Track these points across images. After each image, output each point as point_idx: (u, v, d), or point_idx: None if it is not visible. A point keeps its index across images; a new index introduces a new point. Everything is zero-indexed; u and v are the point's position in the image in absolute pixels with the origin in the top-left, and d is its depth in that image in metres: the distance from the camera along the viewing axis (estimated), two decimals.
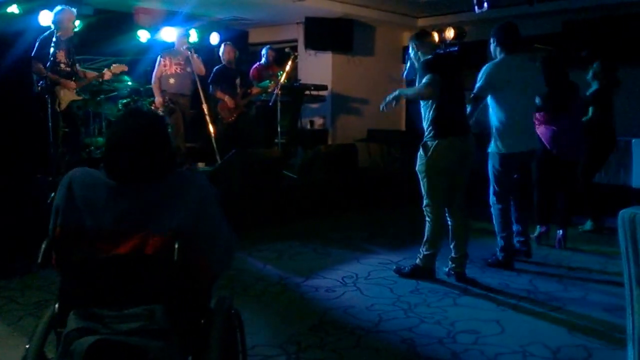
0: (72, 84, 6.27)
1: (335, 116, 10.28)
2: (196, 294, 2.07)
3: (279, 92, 7.79)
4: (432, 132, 4.42)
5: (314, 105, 10.09)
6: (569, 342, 3.45)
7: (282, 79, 7.97)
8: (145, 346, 1.69)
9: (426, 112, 4.47)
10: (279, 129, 8.23)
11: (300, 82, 9.21)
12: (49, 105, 5.83)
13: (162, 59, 7.47)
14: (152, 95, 8.30)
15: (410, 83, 4.82)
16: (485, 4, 7.29)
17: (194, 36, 8.86)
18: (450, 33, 8.67)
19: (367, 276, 4.77)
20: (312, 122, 10.33)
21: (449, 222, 4.58)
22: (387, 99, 4.62)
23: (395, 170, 9.43)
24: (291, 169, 7.85)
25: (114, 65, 6.86)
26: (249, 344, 3.31)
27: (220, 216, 2.08)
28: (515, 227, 5.17)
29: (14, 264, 4.68)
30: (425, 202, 4.57)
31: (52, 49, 5.86)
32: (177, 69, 7.50)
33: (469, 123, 4.65)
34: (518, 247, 5.17)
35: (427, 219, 4.61)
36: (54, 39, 5.88)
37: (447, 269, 4.64)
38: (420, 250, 4.66)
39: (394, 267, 4.86)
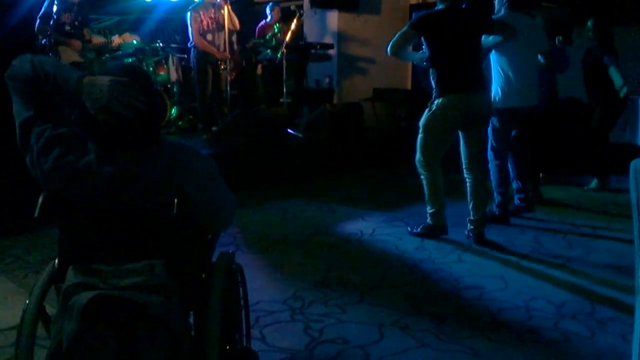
0: (76, 43, 6.21)
1: (341, 75, 10.17)
2: (197, 250, 2.06)
3: (285, 51, 7.69)
4: (436, 91, 4.35)
5: (320, 64, 9.98)
6: (573, 298, 3.46)
7: (288, 38, 7.86)
8: (145, 301, 1.67)
9: (431, 71, 4.40)
10: (284, 89, 8.17)
11: (306, 40, 9.11)
12: None
13: (193, 13, 6.98)
14: (158, 55, 8.25)
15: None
16: None
17: None
18: None
19: (371, 233, 4.78)
20: (318, 82, 10.24)
21: (467, 182, 4.51)
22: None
23: (401, 129, 9.37)
24: (297, 128, 7.80)
25: (127, 34, 6.78)
26: (253, 300, 3.33)
27: (218, 177, 2.04)
28: (514, 184, 5.19)
29: (21, 221, 4.70)
30: (417, 156, 4.51)
31: (55, 8, 5.82)
32: (211, 23, 7.10)
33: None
34: (518, 204, 5.17)
35: (421, 176, 4.57)
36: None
37: (466, 231, 4.58)
38: (426, 209, 4.64)
39: (408, 230, 4.77)
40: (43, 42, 5.97)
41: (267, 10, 9.00)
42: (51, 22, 5.84)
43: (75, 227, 1.94)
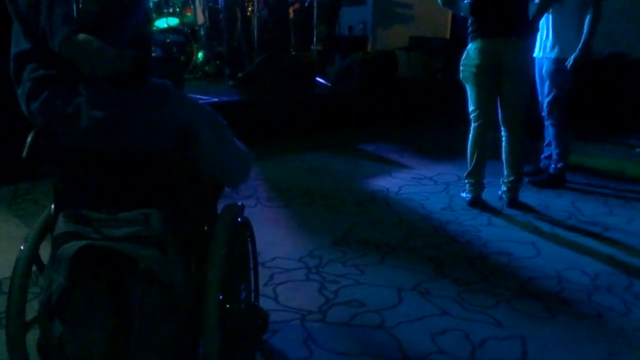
0: None
1: (375, 22, 9.77)
2: (199, 200, 1.89)
3: None
4: (471, 34, 4.03)
5: (354, 10, 9.60)
6: (609, 270, 3.22)
7: None
8: (137, 254, 1.51)
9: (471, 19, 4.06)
10: (314, 35, 7.86)
11: None
12: None
13: None
14: None
15: None
16: None
17: None
18: None
19: (397, 191, 4.56)
20: (351, 28, 9.87)
21: (502, 139, 4.20)
22: None
23: (437, 81, 9.02)
24: (326, 77, 7.52)
25: None
26: (268, 256, 3.20)
27: (228, 130, 1.86)
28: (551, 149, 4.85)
29: (40, 166, 4.60)
30: (469, 107, 4.18)
31: None
32: None
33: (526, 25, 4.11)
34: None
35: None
36: None
37: (500, 192, 4.32)
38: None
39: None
40: None
41: None
42: None
43: (68, 172, 1.78)
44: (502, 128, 4.19)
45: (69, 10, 1.58)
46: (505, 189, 4.26)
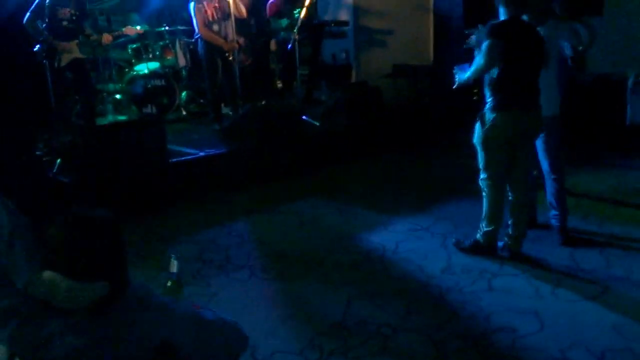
0: (70, 45, 5.89)
1: (358, 50, 9.71)
2: None
3: (297, 37, 7.27)
4: (492, 103, 3.96)
5: (336, 39, 9.54)
6: (615, 344, 3.14)
7: (302, 14, 7.43)
8: None
9: (487, 76, 3.99)
10: (298, 71, 7.79)
11: (319, 18, 8.68)
12: (48, 69, 5.55)
13: (197, 5, 6.63)
14: (163, 39, 7.89)
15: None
16: None
17: None
18: None
19: (394, 249, 4.48)
20: (334, 56, 9.80)
21: (511, 199, 4.21)
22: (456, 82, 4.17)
23: (424, 106, 8.98)
24: (312, 116, 7.42)
25: (129, 27, 6.46)
26: (268, 349, 3.11)
27: (204, 319, 1.77)
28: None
29: None
30: (481, 175, 4.20)
31: (48, 3, 5.56)
32: (216, 13, 6.72)
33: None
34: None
35: (483, 193, 4.26)
36: None
37: (501, 244, 4.30)
38: (480, 225, 4.31)
39: (454, 241, 4.48)
40: (38, 47, 5.68)
41: None
42: (47, 20, 5.55)
43: None
44: (511, 190, 4.19)
45: (30, 242, 1.51)
46: (510, 242, 4.24)
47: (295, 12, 7.64)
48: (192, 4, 6.64)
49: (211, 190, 5.66)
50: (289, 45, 7.34)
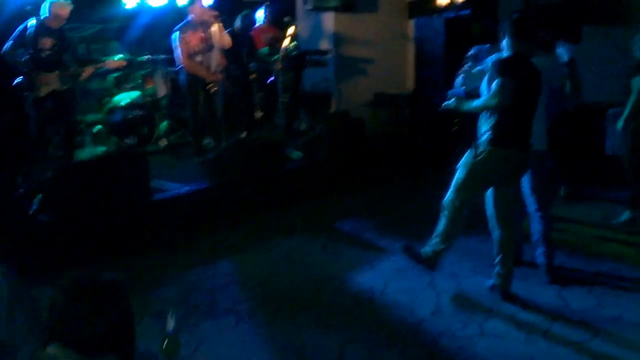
0: (50, 76, 5.80)
1: (338, 78, 9.72)
2: None
3: (279, 67, 7.24)
4: (489, 136, 3.92)
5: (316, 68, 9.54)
6: None
7: (286, 44, 7.40)
8: None
9: (489, 112, 3.97)
10: (280, 99, 7.76)
11: (300, 48, 8.67)
12: (28, 101, 5.45)
13: (181, 35, 6.52)
14: (144, 67, 7.81)
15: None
16: None
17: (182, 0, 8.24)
18: None
19: (383, 289, 4.42)
20: (314, 85, 9.79)
21: (497, 234, 4.17)
22: (448, 105, 4.14)
23: (405, 135, 8.99)
24: (294, 148, 7.37)
25: (111, 60, 6.38)
26: None
27: None
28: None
29: None
30: (450, 196, 4.09)
31: (29, 32, 5.47)
32: (200, 44, 6.64)
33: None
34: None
35: (442, 215, 4.17)
36: (32, 24, 5.46)
37: (491, 283, 4.28)
38: (434, 239, 4.21)
39: (402, 245, 4.34)
40: (17, 80, 5.59)
41: (259, 14, 8.57)
42: (28, 51, 5.46)
43: None
44: (498, 228, 4.17)
45: (31, 312, 1.43)
46: (499, 281, 4.21)
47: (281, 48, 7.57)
48: (176, 34, 6.56)
49: (194, 227, 5.56)
50: (272, 77, 7.29)
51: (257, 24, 8.59)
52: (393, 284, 4.53)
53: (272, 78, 7.35)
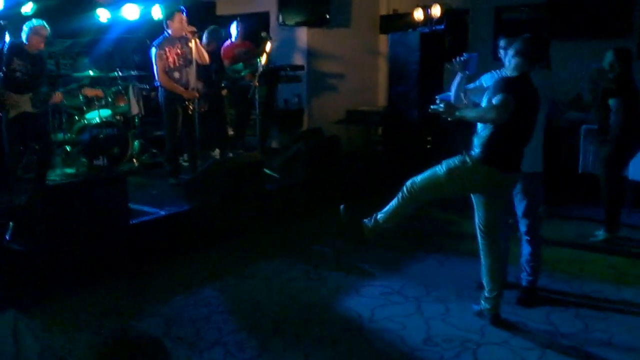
0: (22, 98, 5.63)
1: (310, 94, 9.68)
2: None
3: (257, 84, 7.14)
4: (480, 153, 3.87)
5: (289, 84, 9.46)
6: None
7: (263, 61, 7.29)
8: None
9: (482, 127, 3.92)
10: (257, 112, 7.65)
11: (274, 63, 8.60)
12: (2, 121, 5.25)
13: (158, 51, 6.34)
14: (116, 84, 7.63)
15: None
16: None
17: (158, 13, 8.11)
18: (436, 10, 8.07)
19: (371, 317, 4.35)
20: (286, 101, 9.73)
21: (485, 257, 4.12)
22: (436, 108, 3.99)
23: (378, 153, 8.98)
24: (269, 161, 7.25)
25: (87, 89, 6.24)
26: None
27: None
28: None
29: None
30: (417, 181, 4.10)
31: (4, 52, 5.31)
32: (178, 60, 6.45)
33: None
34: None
35: (398, 197, 4.20)
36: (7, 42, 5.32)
37: (478, 308, 4.24)
38: (380, 213, 4.29)
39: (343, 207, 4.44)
40: None
41: (233, 29, 8.46)
42: (3, 67, 5.30)
43: None
44: (483, 241, 4.11)
45: None
46: (488, 306, 4.17)
47: (257, 61, 7.43)
48: (153, 50, 6.40)
49: (173, 253, 5.41)
50: (249, 93, 7.18)
51: (230, 40, 8.50)
52: (381, 310, 4.46)
53: (250, 94, 7.21)
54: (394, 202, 4.19)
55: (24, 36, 5.70)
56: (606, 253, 5.63)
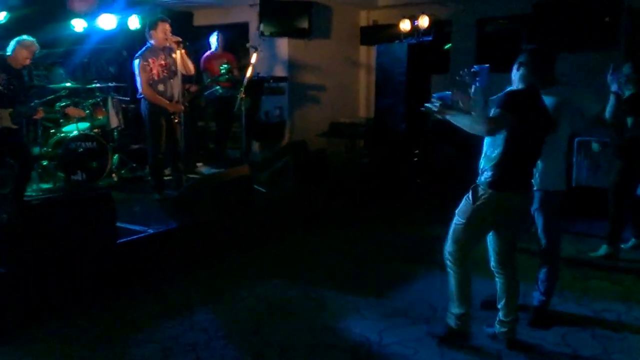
0: (4, 113, 5.32)
1: (292, 107, 9.47)
2: None
3: (243, 96, 6.87)
4: (490, 178, 3.67)
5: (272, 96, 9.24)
6: None
7: (248, 73, 7.04)
8: None
9: (491, 149, 3.71)
10: (243, 125, 7.41)
11: (258, 74, 8.36)
12: None
13: (142, 62, 6.07)
14: (94, 96, 7.31)
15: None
16: None
17: (135, 23, 7.84)
18: (424, 21, 7.95)
19: (379, 341, 4.11)
20: (267, 114, 9.49)
21: (498, 280, 3.98)
22: (429, 108, 3.76)
23: (363, 166, 8.80)
24: (255, 174, 6.99)
25: (71, 108, 5.93)
26: None
27: None
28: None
29: None
30: (450, 248, 3.89)
31: None
32: (162, 72, 6.18)
33: None
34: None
35: (449, 270, 3.95)
36: None
37: (492, 331, 4.05)
38: (449, 309, 4.03)
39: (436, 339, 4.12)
40: None
41: (212, 39, 8.24)
42: None
43: None
44: (498, 269, 3.97)
45: None
46: (504, 329, 3.99)
47: (242, 77, 7.17)
48: (136, 61, 6.10)
49: (163, 273, 5.11)
50: (235, 107, 6.92)
51: (210, 51, 8.27)
52: (389, 333, 4.24)
53: (236, 107, 6.96)
54: (452, 285, 3.96)
55: (9, 49, 5.50)
56: (609, 269, 5.53)
